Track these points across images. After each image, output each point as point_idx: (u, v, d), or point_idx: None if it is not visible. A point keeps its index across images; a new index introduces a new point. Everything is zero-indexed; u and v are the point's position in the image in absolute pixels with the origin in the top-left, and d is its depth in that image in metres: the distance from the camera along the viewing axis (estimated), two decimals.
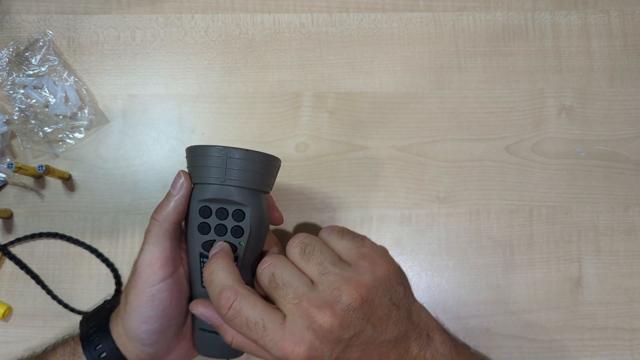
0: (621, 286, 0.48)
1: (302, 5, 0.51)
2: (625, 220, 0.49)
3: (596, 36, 0.52)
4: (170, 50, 0.50)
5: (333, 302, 0.31)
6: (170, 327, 0.36)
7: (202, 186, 0.35)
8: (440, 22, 0.51)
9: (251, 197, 0.35)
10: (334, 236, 0.35)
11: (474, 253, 0.48)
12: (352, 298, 0.31)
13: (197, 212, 0.35)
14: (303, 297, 0.31)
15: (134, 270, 0.36)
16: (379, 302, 0.32)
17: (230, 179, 0.34)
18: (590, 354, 0.47)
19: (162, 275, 0.35)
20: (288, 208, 0.48)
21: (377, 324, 0.32)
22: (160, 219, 0.35)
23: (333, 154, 0.49)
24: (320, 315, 0.30)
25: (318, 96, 0.50)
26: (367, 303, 0.31)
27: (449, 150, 0.49)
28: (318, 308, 0.30)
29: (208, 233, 0.35)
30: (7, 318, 0.46)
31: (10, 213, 0.47)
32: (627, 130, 0.50)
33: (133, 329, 0.35)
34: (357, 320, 0.31)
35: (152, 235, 0.35)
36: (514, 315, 0.47)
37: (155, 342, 0.36)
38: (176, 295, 0.36)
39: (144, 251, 0.35)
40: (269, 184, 0.37)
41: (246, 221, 0.35)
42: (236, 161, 0.34)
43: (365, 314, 0.31)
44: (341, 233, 0.36)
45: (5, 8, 0.50)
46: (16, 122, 0.47)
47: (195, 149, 0.35)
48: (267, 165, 0.35)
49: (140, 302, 0.34)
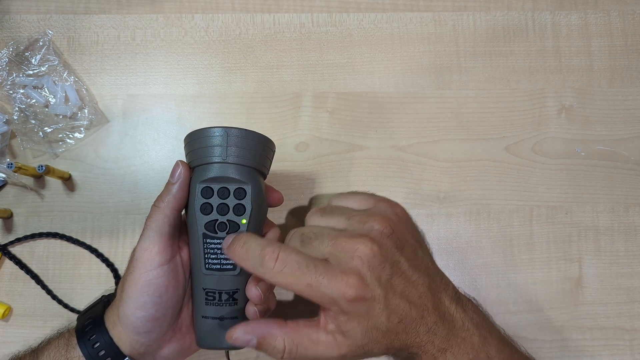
0: (621, 286, 0.48)
1: (302, 5, 0.51)
2: (626, 220, 0.49)
3: (596, 36, 0.52)
4: (170, 50, 0.50)
5: (367, 231, 0.32)
6: (165, 315, 0.36)
7: (203, 167, 0.36)
8: (440, 22, 0.51)
9: (251, 175, 0.36)
10: (345, 196, 0.37)
11: (474, 253, 0.48)
12: (383, 226, 0.32)
13: (199, 193, 0.36)
14: (339, 237, 0.32)
15: (131, 257, 0.36)
16: (405, 237, 0.34)
17: (231, 156, 0.35)
18: (590, 354, 0.47)
19: (159, 260, 0.35)
20: (288, 208, 0.48)
21: (409, 258, 0.33)
22: (162, 206, 0.36)
23: (333, 154, 0.49)
24: (360, 243, 0.31)
25: (318, 96, 0.50)
26: (395, 234, 0.33)
27: (449, 150, 0.49)
28: (356, 238, 0.31)
29: (210, 213, 0.36)
30: (7, 318, 0.46)
31: (10, 213, 0.47)
32: (627, 130, 0.50)
33: (128, 316, 0.35)
34: (392, 248, 0.32)
35: (153, 221, 0.36)
36: (514, 315, 0.47)
37: (150, 331, 0.36)
38: (172, 282, 0.36)
39: (143, 237, 0.36)
40: (266, 165, 0.38)
41: (247, 199, 0.36)
42: (236, 139, 0.35)
43: (397, 244, 0.32)
44: (351, 192, 0.38)
45: (5, 8, 0.50)
46: (16, 122, 0.47)
47: (196, 133, 0.36)
48: (265, 146, 0.37)
49: (137, 288, 0.35)
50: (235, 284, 0.36)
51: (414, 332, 0.32)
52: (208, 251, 0.36)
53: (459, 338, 0.32)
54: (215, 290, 0.36)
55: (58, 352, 0.36)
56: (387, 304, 0.31)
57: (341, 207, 0.36)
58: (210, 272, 0.36)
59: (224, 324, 0.36)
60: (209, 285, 0.36)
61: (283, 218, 0.48)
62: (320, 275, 0.30)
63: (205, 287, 0.36)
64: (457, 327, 0.33)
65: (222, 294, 0.36)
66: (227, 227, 0.36)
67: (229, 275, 0.36)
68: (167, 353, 0.38)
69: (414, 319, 0.31)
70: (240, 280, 0.36)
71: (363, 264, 0.31)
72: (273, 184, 0.46)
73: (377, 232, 0.32)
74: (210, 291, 0.36)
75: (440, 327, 0.32)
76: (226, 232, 0.36)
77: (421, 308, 0.32)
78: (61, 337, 0.37)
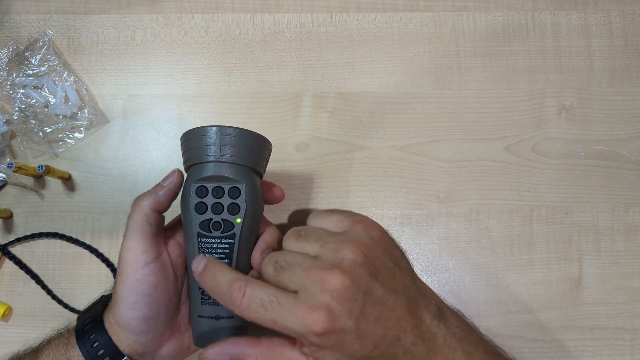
0: (621, 286, 0.48)
1: (302, 5, 0.51)
2: (626, 220, 0.49)
3: (596, 36, 0.52)
4: (170, 50, 0.50)
5: (339, 262, 0.31)
6: (159, 314, 0.36)
7: (198, 166, 0.36)
8: (440, 22, 0.51)
9: (246, 175, 0.36)
10: (322, 215, 0.37)
11: (474, 253, 0.48)
12: (355, 254, 0.32)
13: (193, 192, 0.36)
14: (311, 267, 0.31)
15: (119, 259, 0.36)
16: (381, 261, 0.33)
17: (225, 155, 0.35)
18: (590, 354, 0.47)
19: (144, 259, 0.35)
20: (288, 208, 0.48)
21: (385, 282, 0.32)
22: (142, 205, 0.36)
23: (333, 154, 0.49)
24: (331, 276, 0.31)
25: (318, 96, 0.50)
26: (369, 260, 0.32)
27: (449, 150, 0.49)
28: (328, 270, 0.31)
29: (205, 212, 0.36)
30: (7, 318, 0.46)
31: (10, 213, 0.47)
32: (627, 130, 0.50)
33: (122, 317, 0.35)
34: (365, 276, 0.31)
35: (133, 220, 0.36)
36: (514, 315, 0.47)
37: (146, 331, 0.36)
38: (161, 280, 0.36)
39: (126, 237, 0.36)
40: (262, 164, 0.38)
41: (242, 198, 0.36)
42: (230, 138, 0.35)
43: (371, 271, 0.32)
44: (329, 211, 0.37)
45: (5, 8, 0.50)
46: (16, 122, 0.47)
47: (191, 132, 0.36)
48: (260, 145, 0.37)
49: (126, 288, 0.35)
50: None
51: (391, 355, 0.31)
52: (203, 250, 0.36)
53: (440, 355, 0.32)
54: None
55: (58, 351, 0.36)
56: (360, 333, 0.31)
57: (317, 230, 0.35)
58: None
59: (220, 323, 0.36)
60: None
61: (283, 218, 0.48)
62: (285, 311, 0.30)
63: (201, 287, 0.36)
64: (438, 345, 0.32)
65: None
66: (221, 226, 0.36)
67: None
68: (167, 352, 0.38)
69: (390, 342, 0.31)
70: None
71: (332, 297, 0.30)
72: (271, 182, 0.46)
73: (349, 261, 0.31)
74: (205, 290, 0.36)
75: (419, 347, 0.32)
76: (220, 231, 0.36)
77: (398, 330, 0.31)
78: (61, 337, 0.37)
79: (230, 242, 0.36)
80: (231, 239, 0.36)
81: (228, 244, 0.36)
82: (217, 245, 0.36)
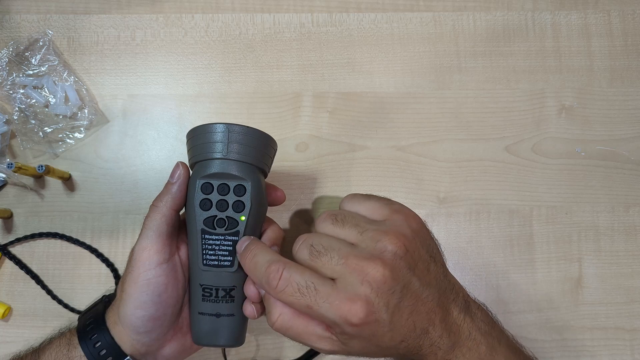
0: (621, 286, 0.48)
1: (302, 5, 0.51)
2: (626, 220, 0.49)
3: (596, 36, 0.52)
4: (170, 50, 0.50)
5: (380, 252, 0.31)
6: (166, 315, 0.36)
7: (203, 163, 0.36)
8: (440, 22, 0.51)
9: (252, 173, 0.36)
10: (359, 200, 0.36)
11: (474, 253, 0.48)
12: (397, 246, 0.31)
13: (198, 189, 0.36)
14: (349, 255, 0.31)
15: (130, 256, 0.36)
16: (419, 254, 0.33)
17: (232, 152, 0.35)
18: (590, 354, 0.47)
19: (157, 259, 0.35)
20: (288, 208, 0.48)
21: (421, 276, 0.32)
22: (160, 205, 0.36)
23: (333, 154, 0.49)
24: (371, 267, 0.30)
25: (318, 96, 0.50)
26: (409, 253, 0.32)
27: (449, 150, 0.49)
28: (368, 260, 0.30)
29: (210, 209, 0.36)
30: (7, 318, 0.46)
31: (10, 213, 0.47)
32: (627, 130, 0.50)
33: (128, 315, 0.35)
34: (404, 270, 0.31)
35: (151, 220, 0.36)
36: (514, 315, 0.47)
37: (150, 330, 0.36)
38: (172, 281, 0.36)
39: (141, 236, 0.36)
40: (267, 163, 0.38)
41: (247, 196, 0.36)
42: (238, 136, 0.35)
43: (410, 264, 0.31)
44: (365, 196, 0.36)
45: (5, 8, 0.50)
46: (16, 122, 0.47)
47: (198, 128, 0.36)
48: (266, 144, 0.37)
49: (136, 287, 0.35)
50: (232, 281, 0.36)
51: (416, 347, 0.32)
52: (206, 247, 0.36)
53: (464, 348, 0.32)
54: (212, 286, 0.36)
55: (60, 351, 0.36)
56: (392, 326, 0.30)
57: (354, 215, 0.34)
58: (208, 268, 0.36)
59: (220, 321, 0.36)
60: (205, 282, 0.36)
61: (283, 218, 0.48)
62: (321, 299, 0.30)
63: (202, 283, 0.36)
64: (463, 338, 0.33)
65: (219, 291, 0.36)
66: (226, 223, 0.36)
67: (226, 272, 0.36)
68: (168, 352, 0.38)
69: (418, 335, 0.31)
70: (237, 278, 0.36)
71: (372, 289, 0.30)
72: (273, 184, 0.46)
73: (390, 253, 0.31)
74: (207, 287, 0.36)
75: (444, 340, 0.32)
76: (225, 228, 0.36)
77: (427, 323, 0.32)
78: (63, 337, 0.37)
79: (234, 240, 0.36)
80: (235, 236, 0.36)
81: (232, 242, 0.36)
82: (220, 243, 0.36)
